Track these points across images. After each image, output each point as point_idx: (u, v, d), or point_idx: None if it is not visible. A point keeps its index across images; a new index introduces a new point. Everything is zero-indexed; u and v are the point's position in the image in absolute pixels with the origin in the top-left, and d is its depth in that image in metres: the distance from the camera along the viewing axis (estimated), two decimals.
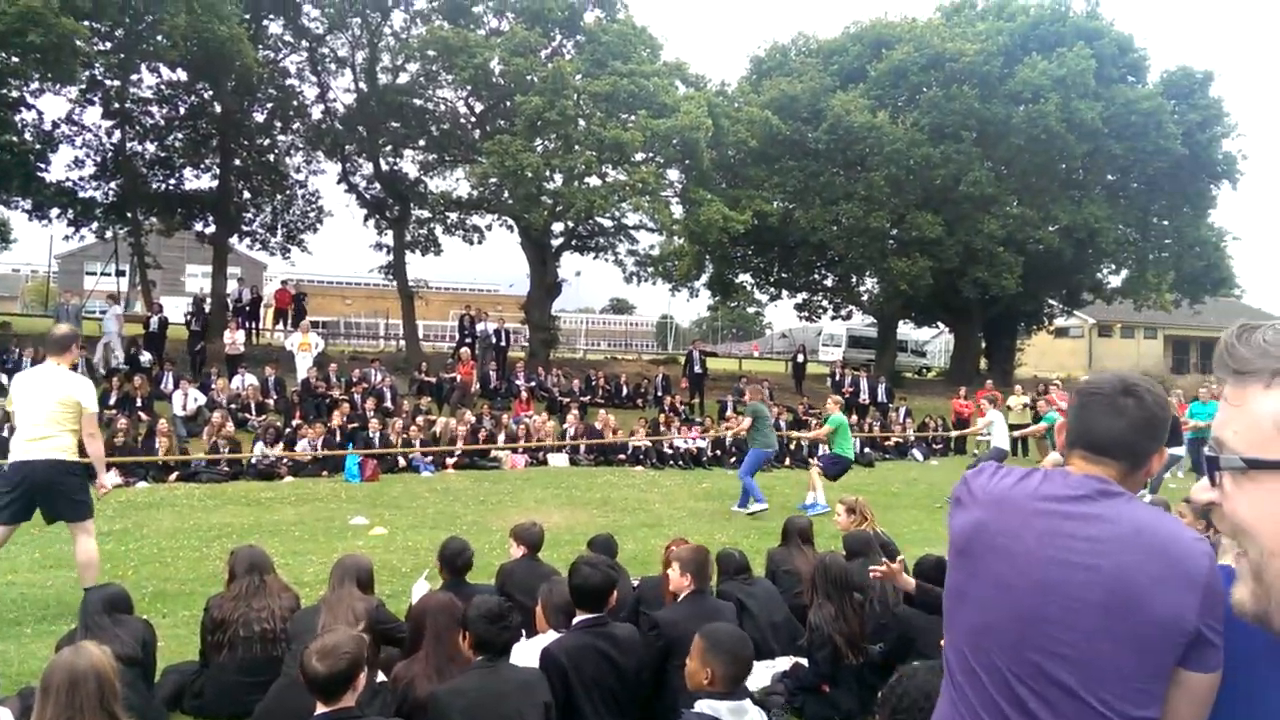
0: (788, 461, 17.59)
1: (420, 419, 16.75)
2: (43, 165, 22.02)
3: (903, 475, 16.72)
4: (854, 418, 19.02)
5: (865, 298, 32.63)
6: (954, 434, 20.64)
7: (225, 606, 4.64)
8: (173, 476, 12.93)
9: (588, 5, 25.05)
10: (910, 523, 11.05)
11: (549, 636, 4.30)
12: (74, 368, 6.66)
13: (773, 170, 26.72)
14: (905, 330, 37.37)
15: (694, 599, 4.71)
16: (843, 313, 34.82)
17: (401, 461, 15.00)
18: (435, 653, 4.08)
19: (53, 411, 5.90)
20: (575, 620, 4.22)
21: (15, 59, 16.42)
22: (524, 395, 19.82)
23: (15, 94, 19.87)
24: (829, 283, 32.46)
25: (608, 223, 26.19)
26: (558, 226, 25.41)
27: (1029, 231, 27.24)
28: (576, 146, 22.14)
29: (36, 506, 6.00)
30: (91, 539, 6.16)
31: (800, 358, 27.26)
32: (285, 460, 14.10)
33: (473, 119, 25.97)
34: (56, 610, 6.25)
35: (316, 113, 25.75)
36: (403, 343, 27.00)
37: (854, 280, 31.60)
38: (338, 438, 15.23)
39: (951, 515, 1.80)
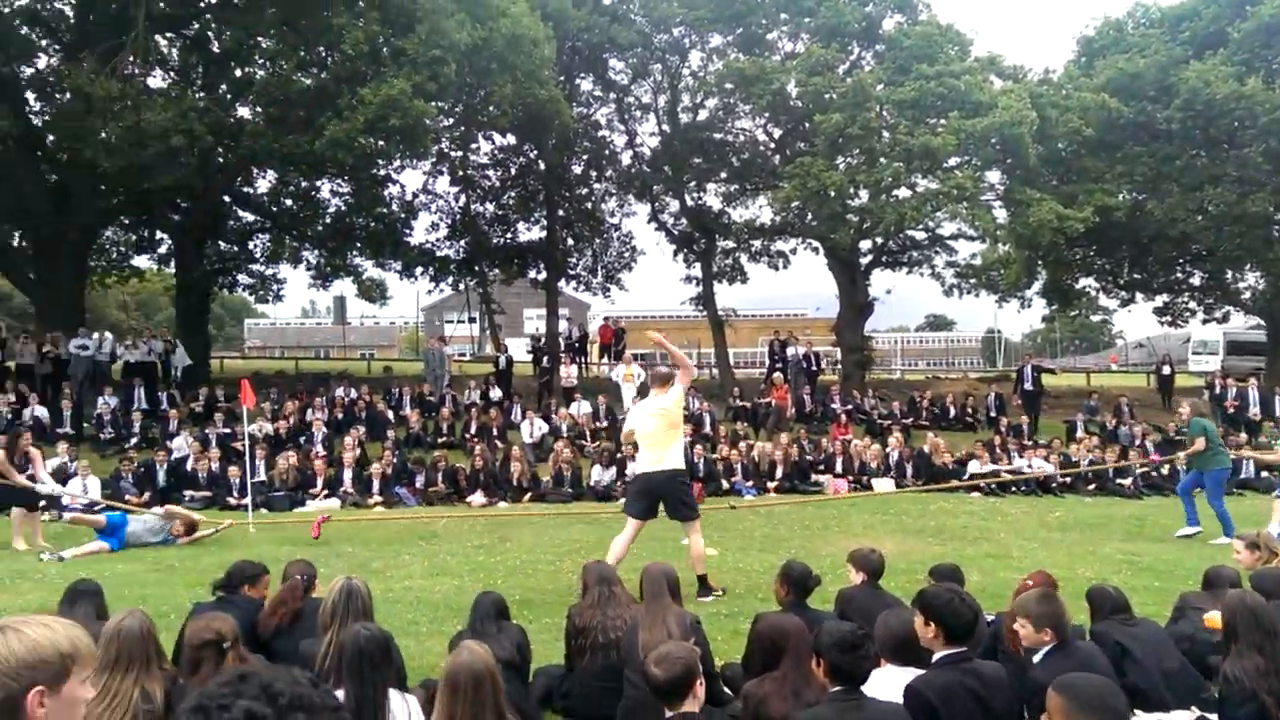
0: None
1: (741, 444, 16.95)
2: (408, 231, 25.66)
3: None
4: (1242, 435, 16.13)
5: (1247, 295, 27.67)
6: None
7: (585, 615, 4.89)
8: (526, 497, 14.25)
9: (886, 12, 24.27)
10: None
11: (893, 671, 3.96)
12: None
13: (1115, 159, 23.77)
14: None
15: (1063, 652, 4.11)
16: (1217, 314, 29.84)
17: (725, 485, 15.25)
18: (794, 675, 3.94)
19: (664, 430, 7.40)
20: (939, 655, 3.86)
21: (381, 142, 19.16)
22: (841, 418, 19.31)
23: (383, 173, 23.34)
24: (1196, 281, 28.00)
25: (921, 235, 24.96)
26: (866, 244, 24.67)
27: None
28: (882, 159, 21.39)
29: (658, 508, 7.57)
30: (699, 536, 7.52)
31: (1166, 369, 23.94)
32: (620, 483, 14.92)
33: (772, 145, 26.17)
34: (445, 613, 6.97)
35: (626, 158, 27.35)
36: (716, 370, 27.62)
37: (1230, 276, 26.96)
38: None
39: None
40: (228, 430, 16.61)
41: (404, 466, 15.58)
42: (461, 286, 29.05)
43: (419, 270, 26.15)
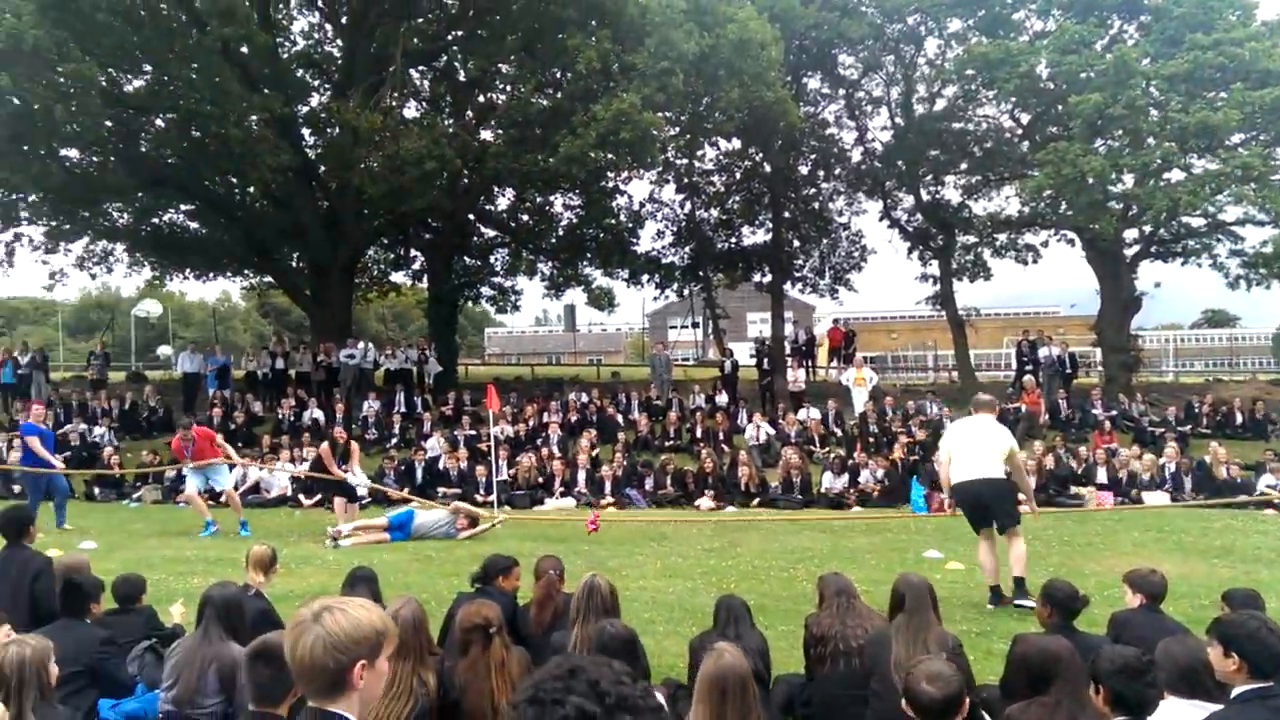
0: None
1: None
2: (634, 240, 26.33)
3: None
4: None
5: None
6: None
7: (823, 624, 4.74)
8: (755, 502, 14.10)
9: None
10: None
11: (1179, 705, 3.56)
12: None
13: None
14: None
15: None
16: None
17: None
18: (1068, 702, 3.62)
19: (995, 450, 7.62)
20: (1240, 690, 3.41)
21: (611, 155, 19.74)
22: (1105, 425, 17.51)
23: (611, 184, 24.13)
24: None
25: (1199, 221, 22.13)
26: (1131, 233, 22.26)
27: None
28: (1150, 139, 19.27)
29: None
30: (1021, 540, 7.63)
31: None
32: (852, 491, 14.44)
33: (1019, 131, 24.40)
34: (680, 614, 7.00)
35: (856, 155, 26.60)
36: (954, 374, 26.10)
37: None
38: (899, 469, 15.08)
39: None
40: (473, 432, 17.79)
41: (634, 469, 15.94)
42: (686, 292, 29.41)
43: (645, 277, 26.81)
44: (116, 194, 21.06)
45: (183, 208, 23.99)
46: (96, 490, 15.82)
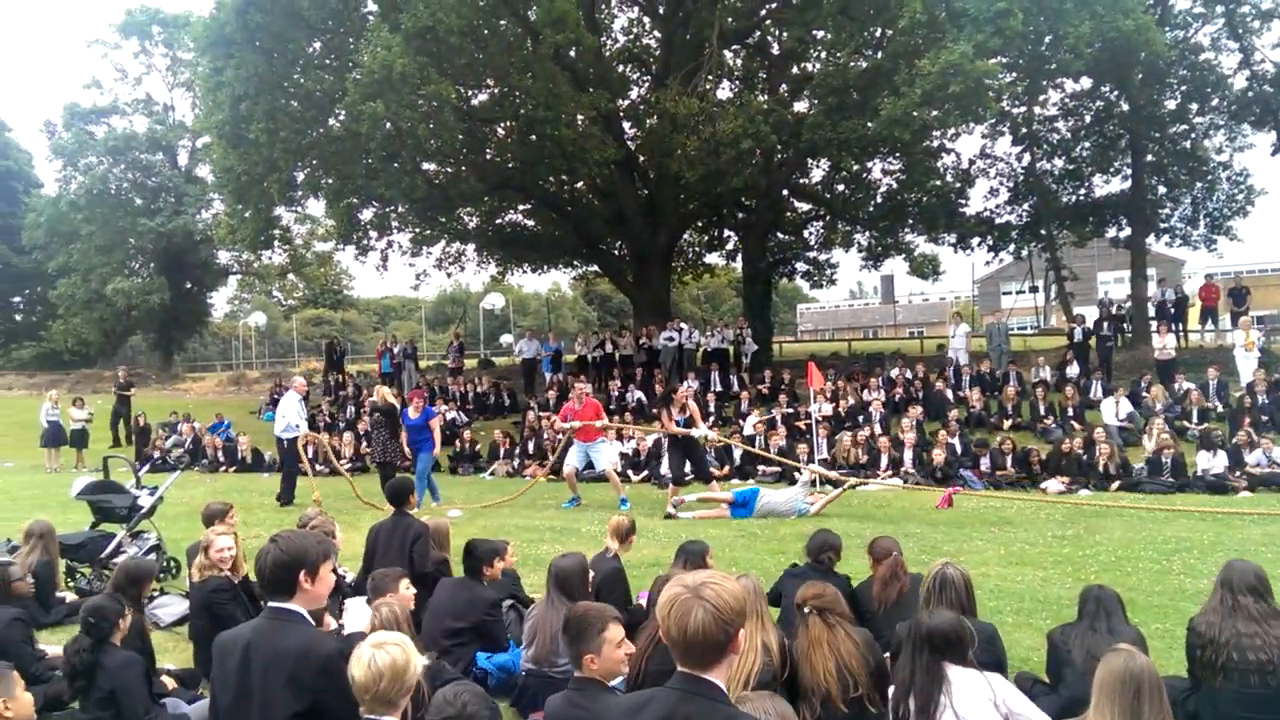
0: None
1: None
2: (963, 201, 24.42)
3: None
4: None
5: None
6: None
7: (1210, 626, 4.09)
8: (1114, 486, 12.44)
9: None
10: None
11: None
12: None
13: None
14: None
15: None
16: None
17: None
18: None
19: None
20: None
21: (938, 112, 18.27)
22: None
23: (937, 143, 22.47)
24: None
25: None
26: None
27: None
28: None
29: None
30: None
31: None
32: (1239, 473, 12.25)
33: None
34: (1031, 605, 6.34)
35: (1239, 81, 22.38)
36: None
37: None
38: None
39: None
40: (791, 410, 17.58)
41: (967, 448, 14.82)
42: (1024, 253, 26.81)
43: (976, 241, 24.87)
44: (468, 200, 23.64)
45: (521, 208, 26.43)
46: (458, 466, 17.80)
